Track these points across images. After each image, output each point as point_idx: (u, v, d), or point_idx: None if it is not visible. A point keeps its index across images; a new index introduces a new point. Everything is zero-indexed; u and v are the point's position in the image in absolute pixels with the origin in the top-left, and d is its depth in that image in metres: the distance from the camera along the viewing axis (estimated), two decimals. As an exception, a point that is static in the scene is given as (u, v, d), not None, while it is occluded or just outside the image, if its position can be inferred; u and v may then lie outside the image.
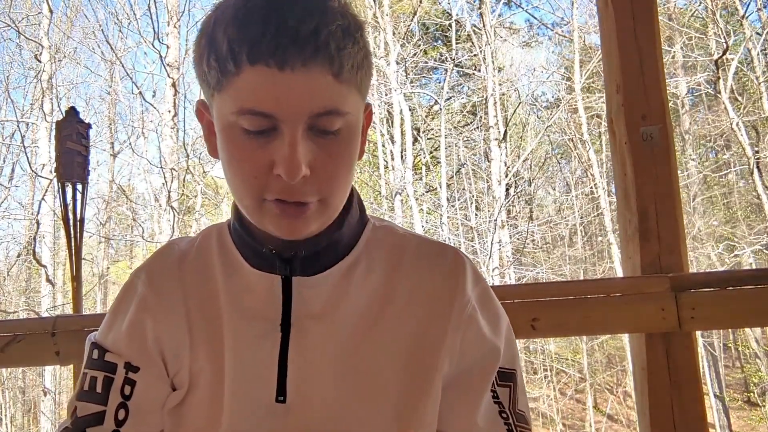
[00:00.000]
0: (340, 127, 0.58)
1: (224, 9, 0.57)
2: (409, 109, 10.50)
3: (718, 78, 8.48)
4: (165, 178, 7.93)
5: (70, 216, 1.61)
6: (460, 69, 11.88)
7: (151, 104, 9.35)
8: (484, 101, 10.59)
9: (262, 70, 0.54)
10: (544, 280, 10.39)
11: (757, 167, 8.60)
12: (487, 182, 10.49)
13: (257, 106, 0.55)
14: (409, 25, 10.69)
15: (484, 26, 10.08)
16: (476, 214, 10.78)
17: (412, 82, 11.49)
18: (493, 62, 10.24)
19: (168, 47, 8.20)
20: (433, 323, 0.65)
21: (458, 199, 10.97)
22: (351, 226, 0.68)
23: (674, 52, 10.18)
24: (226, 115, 0.58)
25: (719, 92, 8.70)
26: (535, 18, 12.42)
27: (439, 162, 11.01)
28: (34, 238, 7.24)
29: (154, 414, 0.65)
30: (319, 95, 0.55)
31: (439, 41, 13.06)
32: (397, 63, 10.23)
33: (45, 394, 8.64)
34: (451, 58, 10.93)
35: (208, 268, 0.69)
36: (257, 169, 0.57)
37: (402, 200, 9.99)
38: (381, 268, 0.68)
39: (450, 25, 11.11)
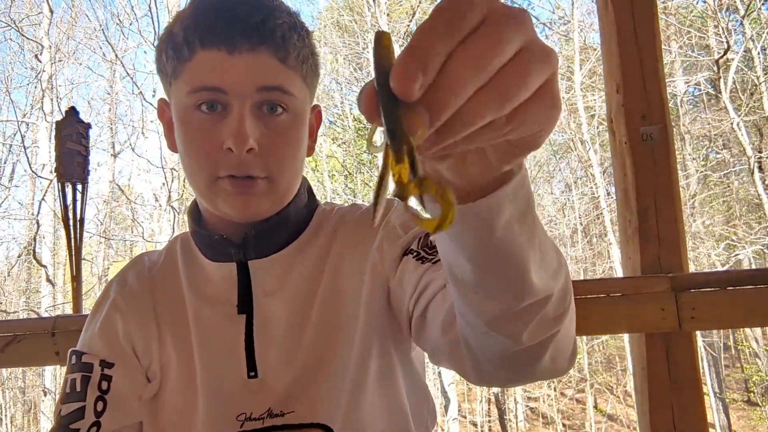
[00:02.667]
0: (287, 107, 0.64)
1: (183, 11, 0.65)
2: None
3: (719, 77, 8.48)
4: (165, 177, 7.93)
5: (70, 216, 1.61)
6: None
7: (151, 104, 9.34)
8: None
9: (214, 53, 0.60)
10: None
11: (759, 167, 8.60)
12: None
13: (208, 82, 0.61)
14: (408, 26, 10.69)
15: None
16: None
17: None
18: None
19: (168, 47, 8.19)
20: (361, 262, 0.68)
21: (458, 199, 10.94)
22: (298, 207, 0.72)
23: (674, 52, 10.18)
24: (182, 98, 0.63)
25: (720, 92, 8.70)
26: (534, 17, 12.40)
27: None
28: (34, 239, 7.24)
29: (131, 404, 0.68)
30: (266, 73, 0.61)
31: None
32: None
33: (45, 394, 8.64)
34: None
35: (174, 269, 0.74)
36: (209, 146, 0.62)
37: (402, 200, 9.98)
38: (326, 245, 0.72)
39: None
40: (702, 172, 10.69)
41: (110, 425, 0.66)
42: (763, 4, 9.39)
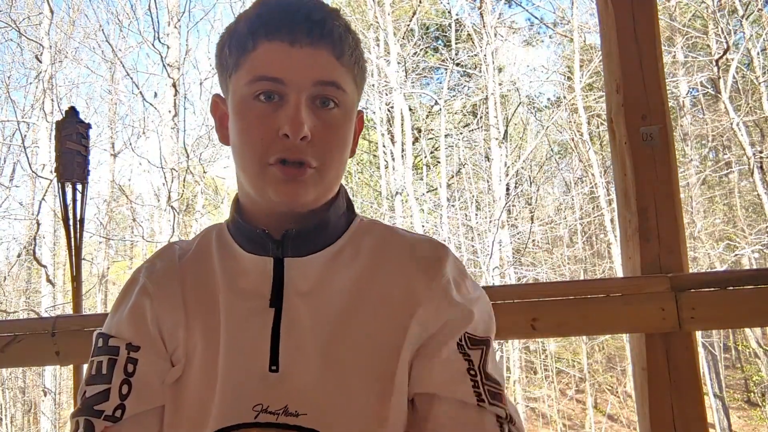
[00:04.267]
0: (338, 103, 0.68)
1: (246, 11, 0.69)
2: (410, 109, 10.50)
3: (719, 78, 8.48)
4: (165, 178, 7.93)
5: (70, 216, 1.61)
6: (461, 69, 11.88)
7: (151, 104, 9.33)
8: (484, 101, 10.59)
9: (276, 44, 0.65)
10: (544, 280, 10.38)
11: (760, 167, 8.59)
12: (488, 182, 10.49)
13: (269, 72, 0.65)
14: (408, 25, 10.69)
15: (484, 26, 10.07)
16: (476, 214, 10.78)
17: (412, 81, 11.48)
18: (493, 62, 10.24)
19: (168, 47, 8.20)
20: (408, 302, 0.70)
21: (458, 199, 10.97)
22: (337, 213, 0.74)
23: (674, 52, 10.17)
24: (241, 88, 0.67)
25: (719, 92, 8.69)
26: (536, 17, 12.40)
27: (439, 162, 11.01)
28: (35, 239, 7.24)
29: (155, 388, 0.70)
30: (323, 68, 0.66)
31: (440, 41, 13.05)
32: (398, 63, 10.23)
33: (45, 394, 8.64)
34: (450, 58, 10.93)
35: (207, 258, 0.76)
36: (264, 132, 0.66)
37: (402, 200, 9.99)
38: (366, 254, 0.74)
39: (450, 24, 11.11)
40: (702, 172, 10.68)
41: (135, 408, 0.68)
42: (764, 5, 9.38)
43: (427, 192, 11.63)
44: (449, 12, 11.14)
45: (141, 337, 0.71)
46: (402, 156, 10.10)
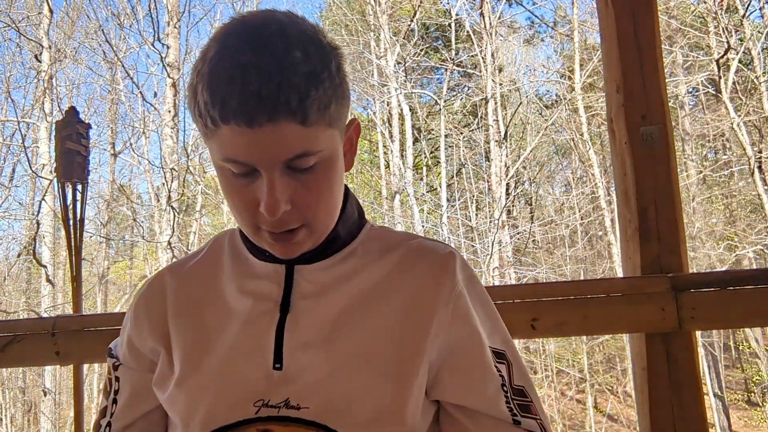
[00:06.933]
0: (315, 163, 0.64)
1: (203, 62, 0.62)
2: (410, 109, 10.50)
3: (719, 77, 8.47)
4: (165, 178, 7.93)
5: (70, 216, 1.61)
6: (461, 69, 11.88)
7: (151, 104, 9.34)
8: (484, 101, 10.59)
9: (234, 127, 0.59)
10: (544, 280, 10.38)
11: (759, 167, 8.60)
12: (488, 182, 10.49)
13: (236, 156, 0.62)
14: (409, 25, 10.68)
15: (484, 26, 10.07)
16: (476, 214, 10.78)
17: (413, 82, 11.48)
18: (493, 62, 10.23)
19: (168, 47, 8.20)
20: (422, 305, 0.71)
21: (458, 199, 10.97)
22: (347, 225, 0.76)
23: (675, 52, 10.17)
24: (216, 159, 0.66)
25: (720, 92, 8.69)
26: (536, 17, 12.40)
27: (439, 162, 11.01)
28: (35, 239, 7.23)
29: (134, 401, 0.76)
30: (289, 144, 0.61)
31: (440, 41, 13.05)
32: (398, 63, 10.23)
33: (45, 394, 8.64)
34: (450, 58, 10.93)
35: (214, 268, 0.78)
36: (246, 205, 0.65)
37: (402, 200, 9.99)
38: (374, 259, 0.75)
39: (450, 25, 11.11)
40: (702, 172, 10.68)
41: (118, 423, 0.76)
42: (764, 5, 9.38)
43: (427, 192, 11.63)
44: (449, 12, 11.14)
45: (122, 354, 0.79)
46: (402, 156, 10.10)
